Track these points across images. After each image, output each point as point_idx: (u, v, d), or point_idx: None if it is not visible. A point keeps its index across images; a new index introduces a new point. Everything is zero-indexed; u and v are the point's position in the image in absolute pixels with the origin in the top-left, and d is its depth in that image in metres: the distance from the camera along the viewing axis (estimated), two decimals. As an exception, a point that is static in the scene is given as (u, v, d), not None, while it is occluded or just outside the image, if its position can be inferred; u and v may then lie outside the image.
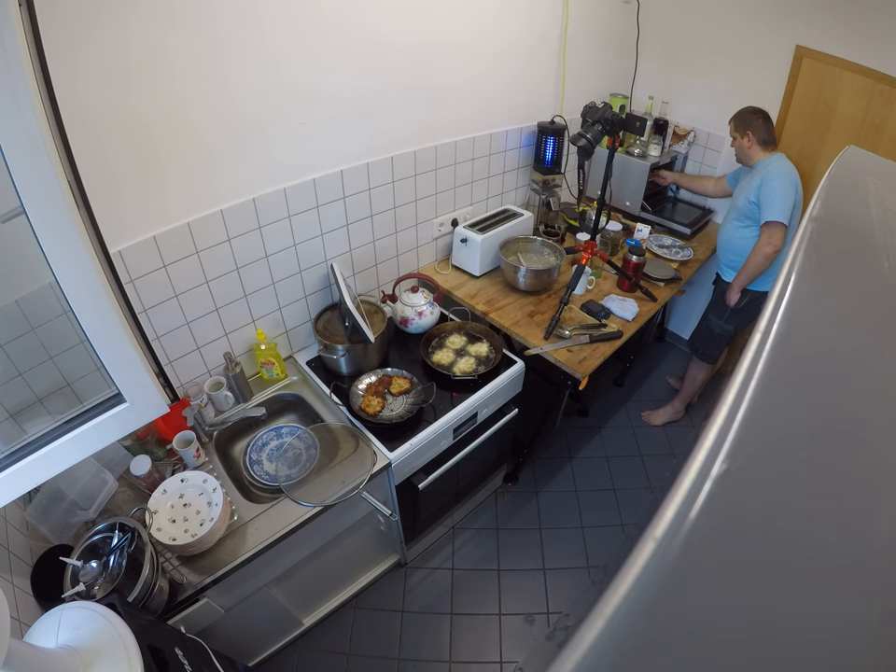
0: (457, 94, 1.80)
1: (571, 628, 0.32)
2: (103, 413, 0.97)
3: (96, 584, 1.04)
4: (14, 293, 0.96)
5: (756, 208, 1.92)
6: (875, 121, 1.94)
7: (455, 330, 1.84)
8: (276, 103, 1.35)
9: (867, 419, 0.33)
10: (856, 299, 0.43)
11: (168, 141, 1.21)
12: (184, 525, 1.23)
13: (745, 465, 0.26)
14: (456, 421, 1.61)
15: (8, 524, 1.13)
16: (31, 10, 0.67)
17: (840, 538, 0.26)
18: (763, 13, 2.06)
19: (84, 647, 0.81)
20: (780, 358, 0.33)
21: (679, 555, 0.22)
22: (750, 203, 1.94)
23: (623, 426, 2.66)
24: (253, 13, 1.21)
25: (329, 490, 1.35)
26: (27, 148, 0.69)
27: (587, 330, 1.79)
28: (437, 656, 1.80)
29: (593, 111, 1.67)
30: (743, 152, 2.01)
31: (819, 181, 0.56)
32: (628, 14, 2.28)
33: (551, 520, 2.22)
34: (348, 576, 1.89)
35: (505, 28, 1.82)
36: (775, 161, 1.91)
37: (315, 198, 1.56)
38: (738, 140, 1.99)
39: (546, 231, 2.32)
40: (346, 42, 1.41)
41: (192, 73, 1.18)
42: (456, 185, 2.01)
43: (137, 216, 1.24)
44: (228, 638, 1.42)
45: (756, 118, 1.93)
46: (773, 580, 0.23)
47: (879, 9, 1.77)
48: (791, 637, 0.22)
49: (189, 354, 1.51)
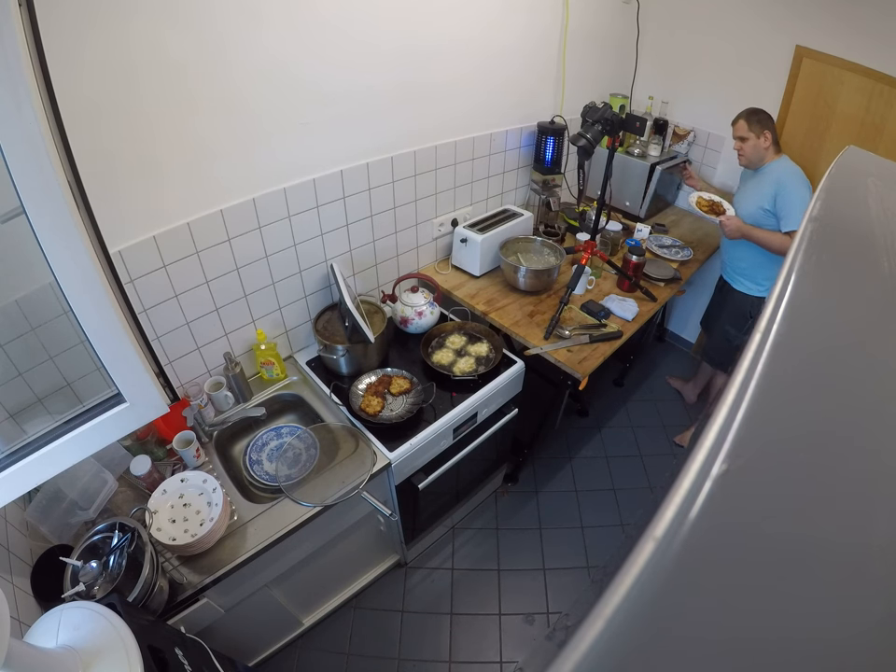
0: (458, 94, 1.80)
1: (571, 628, 0.32)
2: (103, 413, 0.97)
3: (96, 584, 1.04)
4: (14, 293, 0.96)
5: (772, 216, 1.88)
6: (874, 121, 1.94)
7: (455, 330, 1.84)
8: (276, 103, 1.35)
9: (867, 419, 0.33)
10: (856, 299, 0.43)
11: (168, 141, 1.21)
12: (184, 525, 1.23)
13: (745, 465, 0.26)
14: (456, 421, 1.61)
15: (8, 524, 1.13)
16: (31, 10, 0.67)
17: (840, 538, 0.26)
18: (763, 13, 2.06)
19: (84, 647, 0.81)
20: (780, 358, 0.33)
21: (678, 555, 0.22)
22: (764, 212, 1.89)
23: (622, 426, 2.66)
24: (254, 13, 1.21)
25: (329, 490, 1.35)
26: (27, 148, 0.69)
27: (587, 330, 1.79)
28: (437, 656, 1.80)
29: (593, 111, 1.67)
30: (757, 152, 1.92)
31: (819, 181, 0.56)
32: (628, 14, 2.28)
33: (551, 520, 2.22)
34: (348, 576, 1.89)
35: (505, 28, 1.82)
36: (784, 166, 1.88)
37: (315, 198, 1.56)
38: (753, 140, 1.89)
39: (546, 231, 2.32)
40: (347, 42, 1.41)
41: (193, 73, 1.18)
42: (456, 185, 2.01)
43: (137, 216, 1.24)
44: (228, 638, 1.42)
45: (770, 118, 1.89)
46: (773, 580, 0.23)
47: (879, 9, 1.77)
48: (790, 638, 0.22)
49: (189, 354, 1.51)
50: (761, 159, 1.93)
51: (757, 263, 2.00)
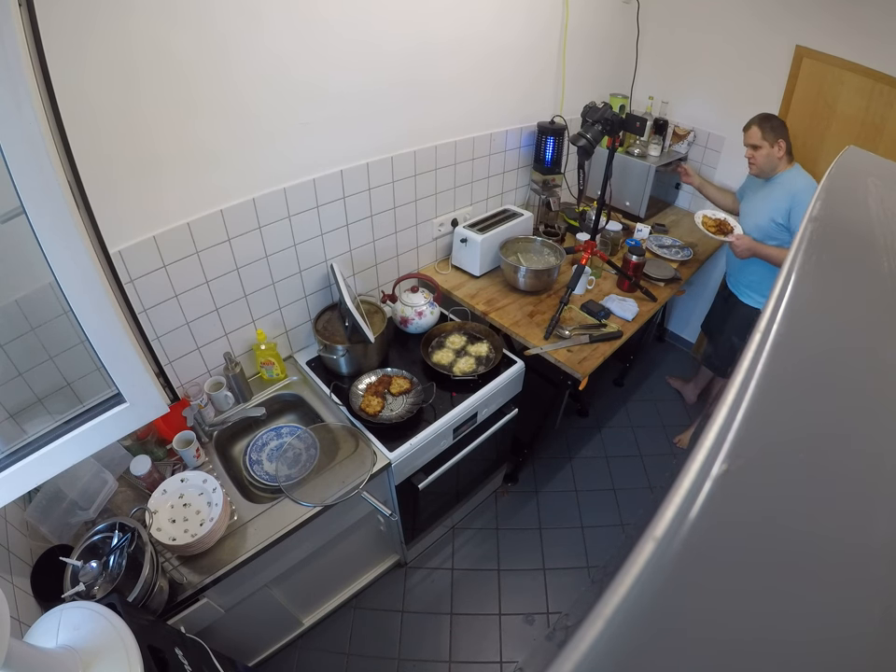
0: (457, 94, 1.80)
1: (571, 628, 0.32)
2: (103, 413, 0.97)
3: (96, 584, 1.04)
4: (14, 293, 0.96)
5: (785, 231, 1.82)
6: (874, 121, 1.94)
7: (455, 330, 1.84)
8: (277, 102, 1.35)
9: (867, 419, 0.33)
10: (856, 299, 0.43)
11: (168, 141, 1.21)
12: (184, 525, 1.23)
13: (745, 465, 0.26)
14: (456, 421, 1.61)
15: (8, 524, 1.13)
16: (31, 10, 0.67)
17: (840, 538, 0.26)
18: (763, 13, 2.06)
19: (84, 647, 0.81)
20: (780, 358, 0.33)
21: (678, 555, 0.22)
22: (777, 226, 1.82)
23: (622, 426, 2.66)
24: (254, 13, 1.21)
25: (329, 490, 1.35)
26: (27, 148, 0.69)
27: (587, 330, 1.79)
28: (437, 656, 1.80)
29: (593, 111, 1.67)
30: (770, 162, 1.83)
31: (819, 181, 0.56)
32: (628, 14, 2.28)
33: (551, 520, 2.22)
34: (348, 576, 1.89)
35: (505, 28, 1.82)
36: (799, 178, 1.81)
37: (315, 198, 1.56)
38: (767, 149, 1.80)
39: (546, 231, 2.32)
40: (347, 42, 1.41)
41: (193, 73, 1.18)
42: (456, 185, 2.01)
43: (137, 216, 1.24)
44: (228, 638, 1.42)
45: (784, 125, 1.79)
46: (773, 580, 0.23)
47: (879, 9, 1.77)
48: (790, 640, 0.22)
49: (189, 354, 1.51)
50: (773, 168, 1.85)
51: (767, 277, 1.94)
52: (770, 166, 1.84)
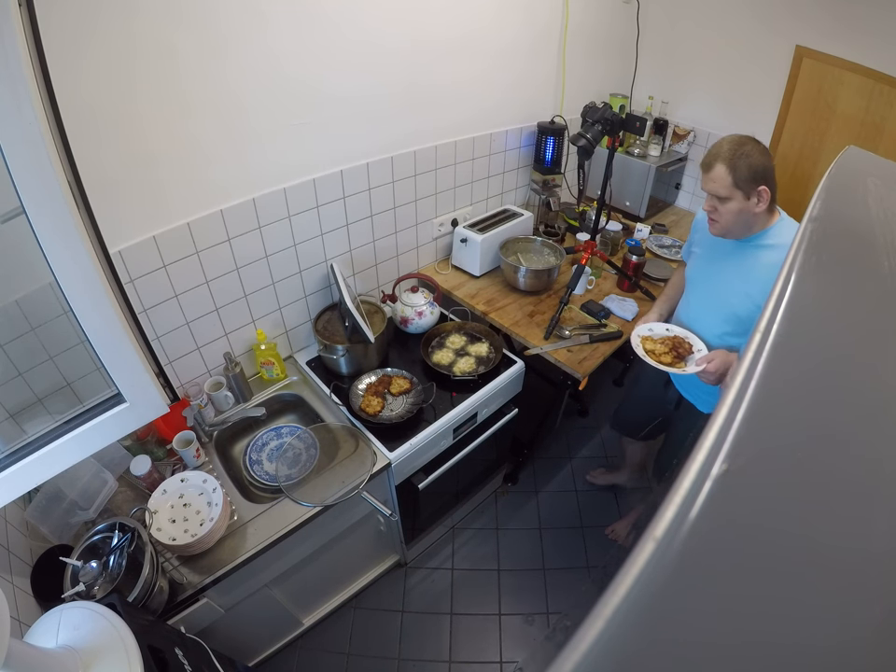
0: (457, 94, 1.80)
1: (571, 628, 0.32)
2: (103, 413, 0.97)
3: (96, 584, 1.04)
4: (14, 293, 0.96)
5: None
6: (874, 121, 1.94)
7: (454, 330, 1.84)
8: (277, 102, 1.35)
9: (868, 420, 0.33)
10: (856, 299, 0.43)
11: (168, 141, 1.21)
12: (184, 525, 1.23)
13: (745, 465, 0.26)
14: (456, 421, 1.61)
15: (8, 524, 1.13)
16: (31, 10, 0.67)
17: (840, 540, 0.26)
18: (763, 13, 2.06)
19: (84, 647, 0.81)
20: (780, 358, 0.32)
21: (678, 556, 0.22)
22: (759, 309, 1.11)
23: (623, 426, 2.65)
24: (256, 13, 1.21)
25: (329, 490, 1.35)
26: (27, 148, 0.69)
27: (587, 330, 1.79)
28: (437, 656, 1.80)
29: (593, 111, 1.67)
30: (743, 219, 1.21)
31: (819, 181, 0.56)
32: (628, 14, 2.28)
33: (551, 520, 2.22)
34: (348, 576, 1.89)
35: (505, 28, 1.82)
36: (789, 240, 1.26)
37: (315, 198, 1.56)
38: (739, 201, 1.17)
39: (546, 231, 2.32)
40: (347, 42, 1.41)
41: (194, 73, 1.18)
42: (456, 185, 2.01)
43: (137, 216, 1.24)
44: (228, 638, 1.42)
45: (770, 160, 1.17)
46: (772, 581, 0.23)
47: (879, 9, 1.77)
48: (790, 642, 0.22)
49: (189, 354, 1.51)
50: (750, 227, 1.24)
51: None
52: (743, 225, 1.23)
